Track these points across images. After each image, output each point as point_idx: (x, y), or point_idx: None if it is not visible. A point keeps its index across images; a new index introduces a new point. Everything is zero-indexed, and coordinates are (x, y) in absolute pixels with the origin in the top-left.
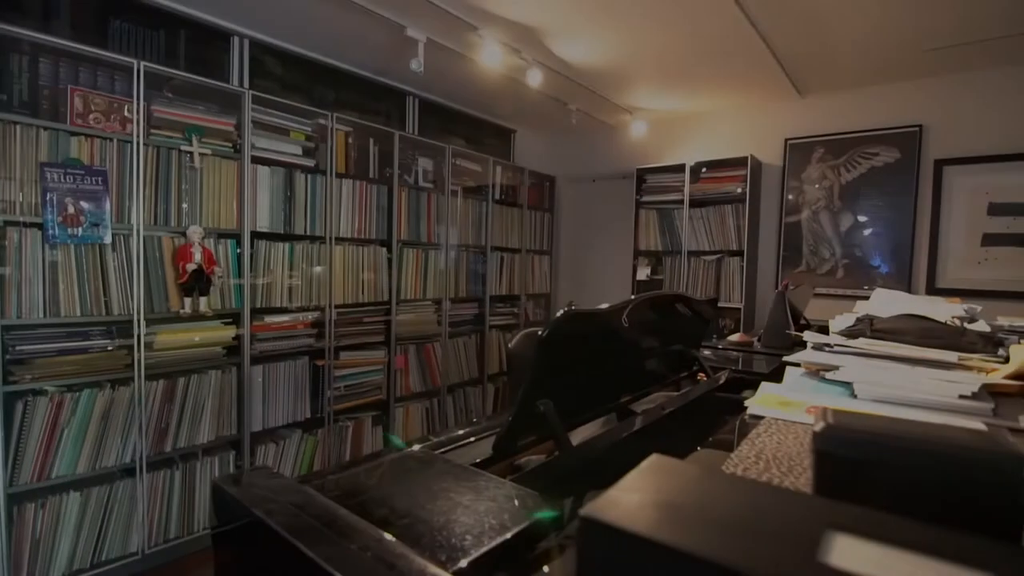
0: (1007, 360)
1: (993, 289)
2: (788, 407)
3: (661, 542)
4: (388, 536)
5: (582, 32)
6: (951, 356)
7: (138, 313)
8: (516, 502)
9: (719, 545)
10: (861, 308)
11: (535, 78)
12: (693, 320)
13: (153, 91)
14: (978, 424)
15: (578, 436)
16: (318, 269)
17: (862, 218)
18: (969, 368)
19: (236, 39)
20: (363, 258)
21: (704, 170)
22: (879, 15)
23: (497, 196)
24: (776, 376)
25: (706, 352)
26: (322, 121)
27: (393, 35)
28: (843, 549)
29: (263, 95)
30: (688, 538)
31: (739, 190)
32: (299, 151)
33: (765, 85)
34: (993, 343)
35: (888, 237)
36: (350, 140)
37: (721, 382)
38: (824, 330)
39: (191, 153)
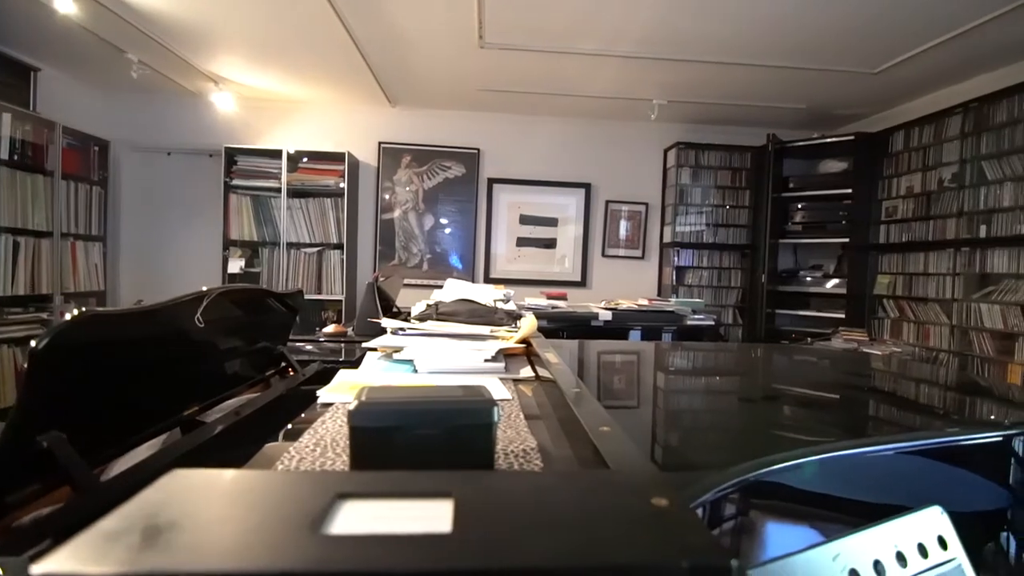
0: (519, 329)
1: (524, 278)
2: None
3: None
4: None
5: None
6: (485, 330)
7: None
8: None
9: (220, 554)
10: (436, 295)
11: (65, 5)
12: (278, 314)
13: None
14: (495, 379)
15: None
16: None
17: (442, 220)
18: (497, 338)
19: None
20: None
21: (305, 160)
22: (440, 55)
23: (5, 155)
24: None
25: (308, 346)
26: None
27: None
28: (346, 515)
29: None
30: (178, 559)
31: (340, 185)
32: None
33: (360, 88)
34: (514, 318)
35: (460, 237)
36: None
37: (307, 376)
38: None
39: None
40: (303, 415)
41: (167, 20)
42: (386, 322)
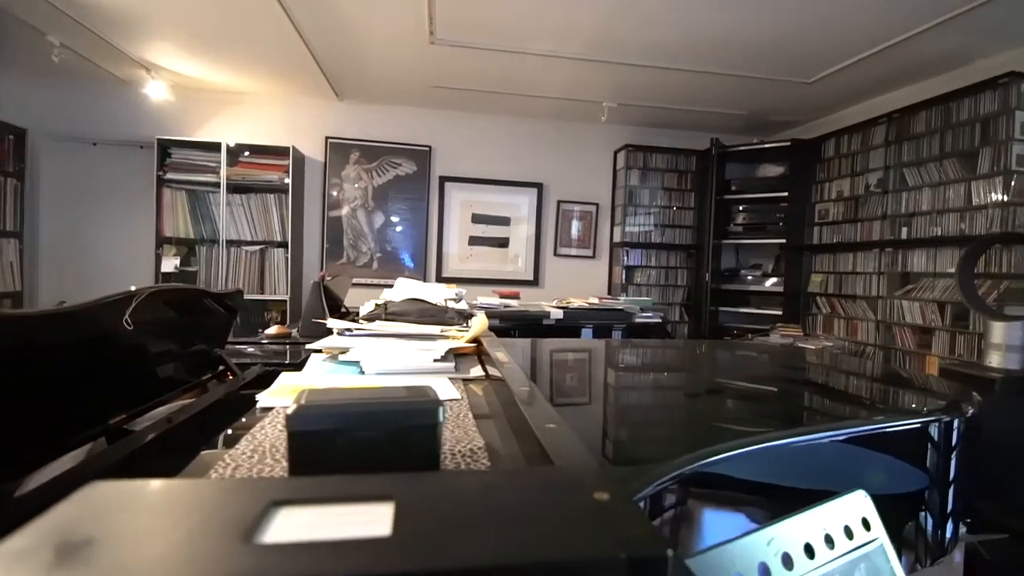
0: (470, 329)
1: (476, 277)
2: None
3: None
4: None
5: None
6: (435, 330)
7: None
8: None
9: (142, 569)
10: (386, 295)
11: None
12: (215, 315)
13: None
14: (444, 379)
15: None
16: None
17: (393, 218)
18: (447, 338)
19: None
20: None
21: (246, 153)
22: (389, 49)
23: None
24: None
25: (250, 349)
26: None
27: None
28: (281, 523)
29: None
30: None
31: (284, 180)
32: None
33: (306, 80)
34: (465, 317)
35: (411, 235)
36: None
37: (247, 380)
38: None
39: None
40: (242, 420)
41: (92, 1)
42: (332, 323)
